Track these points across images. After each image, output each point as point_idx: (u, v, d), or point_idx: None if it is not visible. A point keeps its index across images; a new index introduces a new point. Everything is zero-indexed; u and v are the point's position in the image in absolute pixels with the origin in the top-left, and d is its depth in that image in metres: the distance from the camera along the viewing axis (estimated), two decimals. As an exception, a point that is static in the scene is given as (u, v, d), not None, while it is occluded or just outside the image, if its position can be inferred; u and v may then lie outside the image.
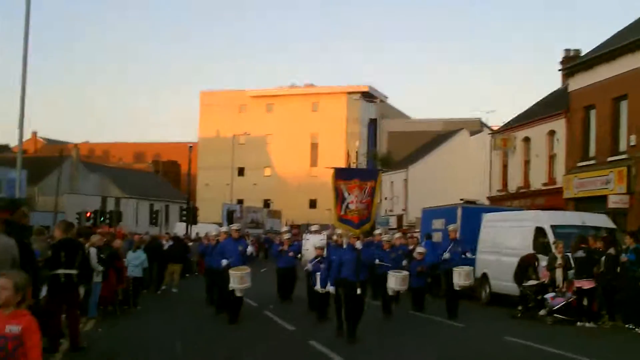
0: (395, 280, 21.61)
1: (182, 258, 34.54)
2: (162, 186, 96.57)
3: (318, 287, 20.17)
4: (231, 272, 20.26)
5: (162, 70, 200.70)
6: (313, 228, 26.50)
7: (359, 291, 16.95)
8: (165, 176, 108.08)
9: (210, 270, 25.22)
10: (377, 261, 21.48)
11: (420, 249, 25.40)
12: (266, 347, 16.81)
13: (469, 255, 23.32)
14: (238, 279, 20.19)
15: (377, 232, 25.17)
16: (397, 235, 26.91)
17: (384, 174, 76.76)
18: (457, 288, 22.34)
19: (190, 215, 56.32)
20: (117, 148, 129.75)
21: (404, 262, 23.34)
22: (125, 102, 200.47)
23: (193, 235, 49.22)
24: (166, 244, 34.59)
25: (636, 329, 19.43)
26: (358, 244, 17.38)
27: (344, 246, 18.03)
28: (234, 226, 23.20)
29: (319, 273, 20.37)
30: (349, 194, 18.51)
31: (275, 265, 27.64)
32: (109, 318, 21.55)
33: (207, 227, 45.37)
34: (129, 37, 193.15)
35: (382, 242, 23.23)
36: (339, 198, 18.66)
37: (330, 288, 18.15)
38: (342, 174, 19.09)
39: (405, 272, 22.20)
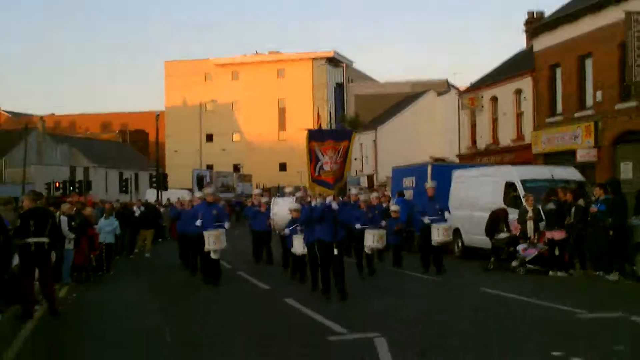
0: (372, 238, 21.67)
1: (154, 224, 34.53)
2: (131, 155, 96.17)
3: (296, 249, 20.15)
4: (206, 233, 20.38)
5: (125, 40, 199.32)
6: (287, 190, 26.62)
7: (336, 252, 16.81)
8: (134, 145, 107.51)
9: (184, 235, 25.02)
10: (357, 226, 21.60)
11: (394, 207, 25.50)
12: (241, 306, 16.93)
13: (446, 214, 22.87)
14: (213, 239, 20.28)
15: (353, 192, 25.20)
16: (374, 194, 26.55)
17: (353, 136, 77.09)
18: (435, 244, 22.30)
19: (160, 182, 56.06)
20: (84, 119, 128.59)
21: (383, 223, 22.85)
22: (89, 73, 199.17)
23: (164, 202, 49.05)
24: (137, 211, 34.53)
25: (606, 276, 19.72)
26: (334, 204, 17.13)
27: (318, 207, 17.69)
28: (208, 190, 23.12)
29: (296, 236, 20.21)
30: (323, 155, 17.73)
31: (250, 227, 27.36)
32: (83, 284, 21.59)
33: (177, 193, 45.27)
34: (94, 8, 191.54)
35: (359, 202, 23.08)
36: (313, 159, 17.80)
37: (304, 249, 18.45)
38: (316, 136, 18.36)
39: (383, 230, 22.20)
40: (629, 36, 28.99)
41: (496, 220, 23.32)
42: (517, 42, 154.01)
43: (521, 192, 24.02)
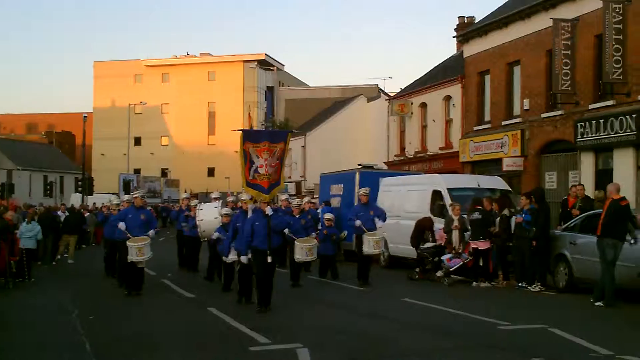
0: (301, 251, 20.86)
1: (78, 229, 33.94)
2: (57, 157, 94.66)
3: (232, 256, 18.78)
4: (129, 243, 19.12)
5: (54, 40, 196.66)
6: (214, 195, 25.35)
7: (269, 259, 16.25)
8: (60, 147, 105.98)
9: (110, 240, 24.10)
10: (286, 231, 19.85)
11: (328, 215, 24.08)
12: (164, 314, 16.71)
13: (379, 224, 21.83)
14: (136, 251, 19.06)
15: (282, 197, 24.71)
16: (306, 199, 26.30)
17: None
18: (365, 254, 21.52)
19: (86, 186, 55.41)
20: (8, 120, 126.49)
21: (314, 234, 22.11)
22: (15, 72, 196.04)
23: (90, 206, 48.41)
24: (62, 215, 33.91)
25: (528, 288, 19.86)
26: (269, 210, 16.45)
27: (250, 213, 17.20)
28: (137, 193, 21.49)
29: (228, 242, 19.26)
30: (258, 157, 17.02)
31: (178, 232, 26.70)
32: (2, 290, 21.19)
33: (103, 198, 44.74)
34: (20, 6, 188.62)
35: (292, 208, 22.71)
36: (247, 162, 17.09)
37: (243, 258, 16.96)
38: (250, 136, 17.55)
39: (314, 241, 21.33)
40: (556, 44, 29.30)
41: (422, 230, 23.36)
42: (448, 48, 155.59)
43: (447, 201, 24.09)
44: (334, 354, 11.74)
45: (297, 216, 22.25)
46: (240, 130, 18.29)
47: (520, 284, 20.26)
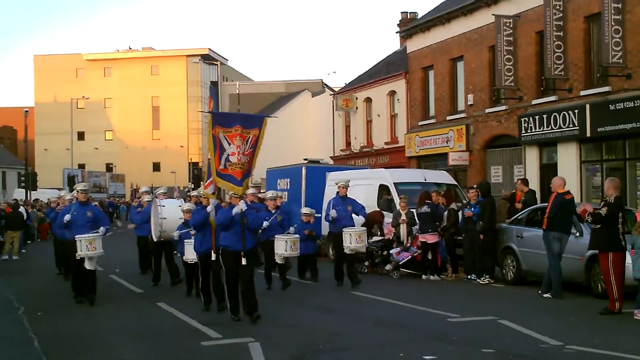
0: (285, 245, 19.12)
1: (21, 224, 33.51)
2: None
3: (188, 256, 17.53)
4: (78, 237, 16.94)
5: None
6: (160, 190, 22.47)
7: (244, 262, 14.35)
8: (1, 142, 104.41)
9: (59, 240, 21.96)
10: (265, 224, 18.70)
11: (306, 210, 21.98)
12: (113, 309, 16.60)
13: (359, 218, 20.67)
14: (87, 243, 16.83)
15: (250, 191, 20.23)
16: (251, 191, 24.13)
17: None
18: (347, 252, 19.79)
19: (30, 181, 54.72)
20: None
21: (292, 229, 20.18)
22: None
23: (38, 202, 47.77)
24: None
25: (477, 280, 20.10)
26: (242, 205, 14.48)
27: (212, 209, 15.44)
28: (80, 186, 18.48)
29: (187, 240, 17.60)
30: (230, 144, 14.91)
31: (134, 233, 23.72)
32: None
33: (47, 193, 44.20)
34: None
35: (266, 202, 20.60)
36: (217, 149, 14.90)
37: (213, 255, 15.11)
38: (221, 120, 15.35)
39: (296, 236, 19.74)
40: (498, 40, 29.64)
41: (370, 224, 23.43)
42: (392, 43, 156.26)
43: (395, 195, 24.24)
44: (286, 348, 11.78)
45: (273, 211, 20.08)
46: (209, 112, 15.80)
47: (469, 277, 20.50)
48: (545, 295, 17.10)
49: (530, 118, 28.48)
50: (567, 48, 26.79)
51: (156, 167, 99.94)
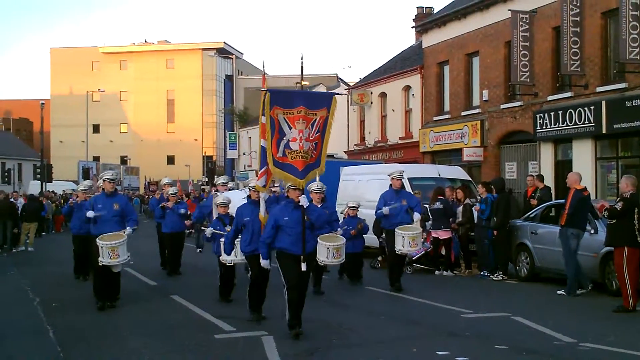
0: (326, 252, 14.23)
1: (37, 216, 33.66)
2: (14, 144, 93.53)
3: (225, 257, 15.47)
4: (99, 242, 14.98)
5: (10, 26, 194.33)
6: (220, 181, 20.42)
7: (304, 267, 12.30)
8: (18, 134, 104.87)
9: (79, 236, 19.94)
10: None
11: (353, 203, 20.34)
12: (127, 301, 16.55)
13: (415, 216, 18.00)
14: (108, 252, 14.93)
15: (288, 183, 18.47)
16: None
17: (241, 130, 76.87)
18: (399, 253, 17.83)
19: (45, 173, 54.88)
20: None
21: (340, 230, 15.83)
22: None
23: (51, 193, 47.99)
24: (20, 203, 33.64)
25: (490, 277, 20.06)
26: (303, 200, 12.32)
27: (263, 204, 13.39)
28: (107, 174, 16.35)
29: (222, 239, 15.65)
30: (291, 128, 12.68)
31: (157, 228, 22.74)
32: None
33: (62, 185, 44.31)
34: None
35: (310, 195, 18.24)
36: (275, 133, 12.66)
37: (264, 262, 12.70)
38: (280, 99, 12.92)
39: (341, 239, 15.15)
40: (514, 35, 29.55)
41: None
42: (408, 38, 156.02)
43: (409, 189, 24.18)
44: (298, 342, 11.79)
45: (319, 206, 14.87)
46: (267, 90, 13.12)
47: (482, 273, 20.46)
48: (559, 292, 16.99)
49: (546, 114, 28.39)
50: (583, 44, 26.68)
51: (170, 160, 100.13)
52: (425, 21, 39.67)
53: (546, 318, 13.68)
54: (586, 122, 26.36)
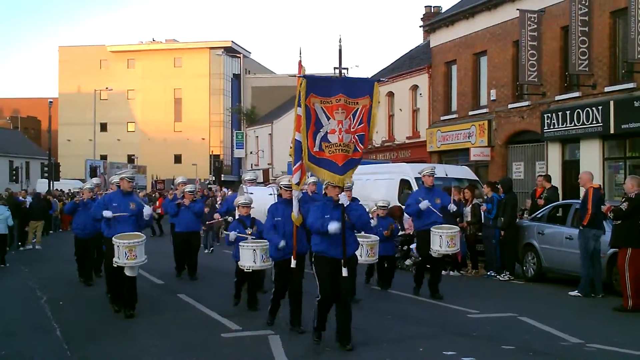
0: (360, 250, 15.19)
1: (44, 214, 33.74)
2: (22, 142, 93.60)
3: (245, 263, 14.10)
4: (116, 240, 13.89)
5: (18, 24, 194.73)
6: (248, 176, 19.41)
7: (344, 272, 11.20)
8: (25, 132, 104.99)
9: (81, 239, 19.48)
10: (372, 222, 16.21)
11: (382, 202, 19.05)
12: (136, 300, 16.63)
13: (451, 207, 16.91)
14: (125, 251, 13.77)
15: (311, 179, 17.52)
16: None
17: (248, 129, 76.93)
18: (435, 255, 16.46)
19: (53, 172, 54.95)
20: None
21: (374, 221, 16.99)
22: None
23: (58, 192, 48.10)
24: (27, 200, 33.71)
25: (497, 277, 20.04)
26: (343, 198, 11.24)
27: (296, 203, 12.31)
28: (127, 173, 15.51)
29: (246, 244, 14.17)
30: (329, 119, 11.43)
31: (171, 227, 21.51)
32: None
33: (70, 183, 44.39)
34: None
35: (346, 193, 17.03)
36: (312, 124, 11.44)
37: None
38: (318, 86, 11.56)
39: (375, 237, 16.55)
40: (522, 35, 29.51)
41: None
42: (415, 37, 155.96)
43: (416, 189, 24.17)
44: (305, 341, 11.78)
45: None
46: (303, 76, 11.74)
47: (489, 273, 20.45)
48: (572, 294, 16.88)
49: (553, 114, 28.36)
50: (592, 43, 26.65)
51: (177, 159, 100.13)
52: (433, 20, 39.64)
53: (553, 318, 13.67)
54: (594, 122, 26.32)
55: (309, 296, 12.66)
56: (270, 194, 16.50)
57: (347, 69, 11.40)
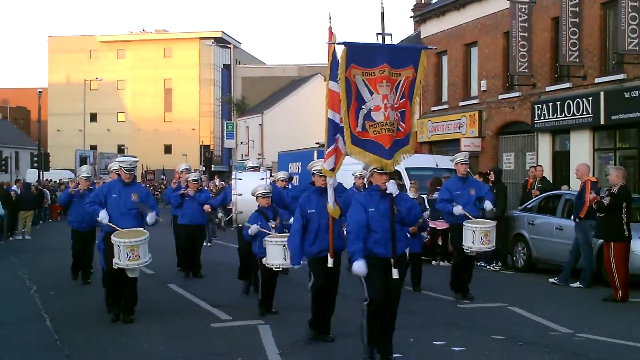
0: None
1: (34, 205, 33.66)
2: (11, 132, 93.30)
3: (272, 261, 12.50)
4: (115, 239, 12.21)
5: (7, 14, 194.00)
6: (250, 164, 18.30)
7: (396, 274, 9.69)
8: (15, 122, 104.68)
9: (79, 232, 17.71)
10: (426, 214, 15.23)
11: (411, 193, 18.07)
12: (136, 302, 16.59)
13: (487, 205, 15.13)
14: (127, 252, 12.17)
15: (358, 172, 16.64)
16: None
17: (239, 119, 76.87)
18: (469, 252, 14.91)
19: (42, 162, 54.83)
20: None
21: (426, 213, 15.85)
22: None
23: (49, 182, 47.97)
24: (17, 191, 33.65)
25: (487, 267, 20.08)
26: (391, 187, 9.58)
27: (331, 192, 10.82)
28: (126, 163, 13.08)
29: (270, 239, 12.62)
30: (372, 93, 9.69)
31: (173, 220, 20.02)
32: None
33: (59, 174, 44.29)
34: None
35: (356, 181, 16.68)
36: (353, 100, 9.75)
37: (360, 268, 9.50)
38: (359, 56, 9.76)
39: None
40: (513, 26, 29.49)
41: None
42: (406, 27, 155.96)
43: (406, 180, 24.16)
44: (295, 331, 11.75)
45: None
46: (344, 43, 9.89)
47: (479, 263, 20.45)
48: (574, 285, 16.94)
49: (544, 105, 28.36)
50: (582, 34, 26.64)
51: (168, 149, 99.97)
52: (424, 11, 39.51)
53: (543, 308, 13.73)
54: (584, 113, 26.33)
55: (349, 300, 12.72)
56: (262, 179, 15.33)
57: (390, 34, 9.97)
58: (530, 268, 19.51)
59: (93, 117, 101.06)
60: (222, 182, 33.97)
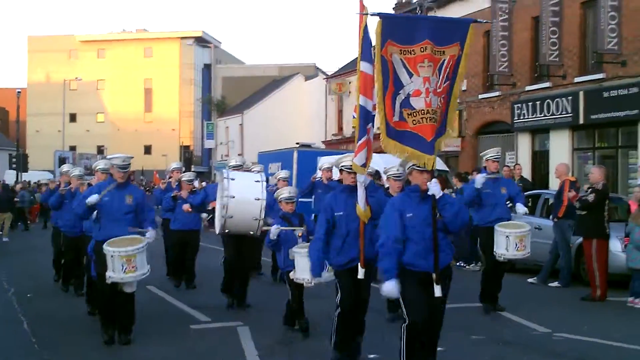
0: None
1: (11, 206, 33.36)
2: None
3: (300, 275, 10.83)
4: (108, 248, 10.58)
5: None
6: (232, 162, 15.00)
7: (438, 292, 8.35)
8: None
9: (64, 234, 15.87)
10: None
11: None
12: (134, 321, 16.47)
13: (519, 208, 13.94)
14: (122, 263, 10.58)
15: (392, 170, 13.44)
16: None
17: (219, 119, 76.76)
18: (501, 259, 13.57)
19: (21, 163, 54.48)
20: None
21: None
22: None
23: (29, 184, 47.59)
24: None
25: (467, 267, 20.09)
26: (433, 187, 8.04)
27: (362, 191, 9.14)
28: (118, 160, 11.24)
29: (298, 249, 10.90)
30: (411, 75, 8.01)
31: (163, 224, 18.14)
32: None
33: (38, 175, 43.99)
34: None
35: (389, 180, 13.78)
36: (390, 83, 8.07)
37: (391, 288, 8.24)
38: (397, 30, 8.07)
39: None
40: (494, 25, 29.54)
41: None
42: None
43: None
44: (274, 333, 11.78)
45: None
46: (379, 14, 8.17)
47: (458, 264, 20.46)
48: (552, 284, 17.01)
49: (524, 104, 28.46)
50: (562, 34, 26.76)
51: (147, 150, 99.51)
52: (405, 10, 39.58)
53: (522, 308, 13.77)
54: (564, 112, 26.43)
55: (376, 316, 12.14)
56: (257, 181, 13.31)
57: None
58: (510, 268, 19.47)
59: (72, 118, 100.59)
60: (204, 183, 33.77)
